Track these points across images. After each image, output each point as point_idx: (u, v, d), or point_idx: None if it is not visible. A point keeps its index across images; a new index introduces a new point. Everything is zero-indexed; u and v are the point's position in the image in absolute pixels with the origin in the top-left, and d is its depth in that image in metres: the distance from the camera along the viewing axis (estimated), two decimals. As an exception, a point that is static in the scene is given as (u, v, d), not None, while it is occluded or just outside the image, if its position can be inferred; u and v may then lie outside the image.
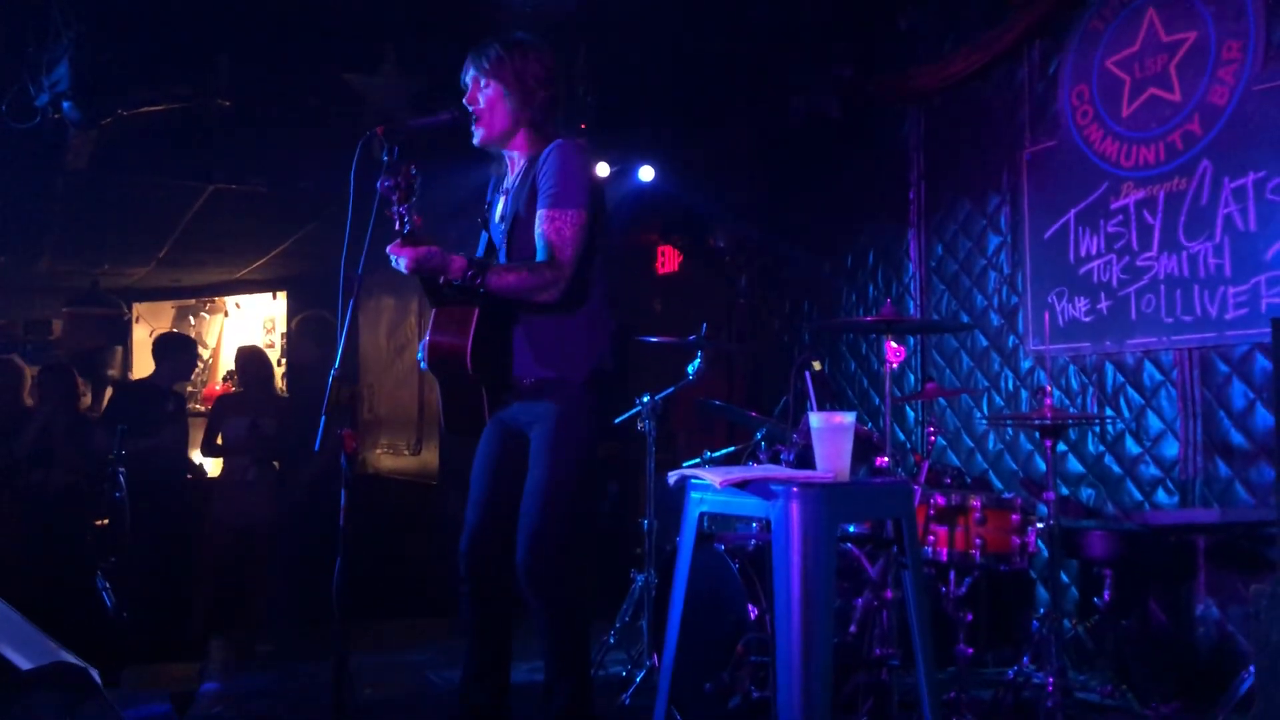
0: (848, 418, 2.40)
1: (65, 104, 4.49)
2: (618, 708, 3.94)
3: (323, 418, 2.98)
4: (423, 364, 3.02)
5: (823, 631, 2.18)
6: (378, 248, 2.98)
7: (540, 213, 2.93)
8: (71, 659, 2.50)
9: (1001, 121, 4.89)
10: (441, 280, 2.94)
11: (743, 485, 2.33)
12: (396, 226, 2.82)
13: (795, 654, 2.16)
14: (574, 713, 3.00)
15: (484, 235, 3.26)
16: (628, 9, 4.99)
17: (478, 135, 3.14)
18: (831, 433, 2.39)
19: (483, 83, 3.10)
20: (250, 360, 6.18)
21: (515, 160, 3.18)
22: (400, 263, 2.85)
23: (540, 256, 2.92)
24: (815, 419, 2.41)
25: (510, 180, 3.16)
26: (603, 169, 5.82)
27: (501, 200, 3.18)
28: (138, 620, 4.54)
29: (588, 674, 3.09)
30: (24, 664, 2.30)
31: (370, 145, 3.01)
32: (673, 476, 2.60)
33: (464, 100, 3.14)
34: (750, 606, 3.52)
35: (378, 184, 2.83)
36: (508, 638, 3.17)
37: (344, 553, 2.97)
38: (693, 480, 2.51)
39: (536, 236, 2.93)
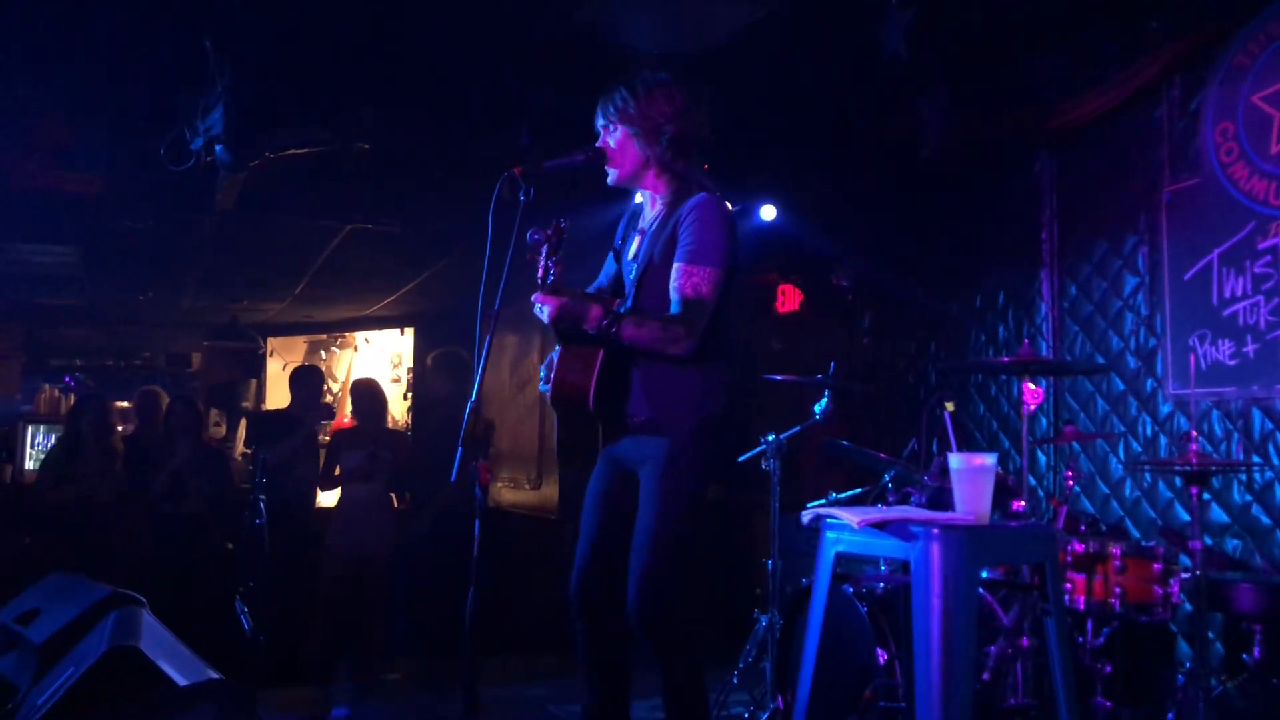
0: (989, 459, 2.36)
1: (218, 147, 4.71)
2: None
3: (459, 449, 3.04)
4: (545, 392, 3.08)
5: (963, 677, 2.14)
6: (510, 284, 3.06)
7: (677, 266, 2.96)
8: (218, 678, 2.61)
9: (1138, 160, 4.77)
10: (582, 328, 2.98)
11: (881, 526, 2.30)
12: (540, 275, 2.88)
13: (935, 700, 2.13)
14: None
15: (609, 265, 3.31)
16: (753, 51, 5.03)
17: (611, 176, 3.20)
18: (972, 474, 2.35)
19: (611, 128, 3.16)
20: (363, 393, 6.33)
21: (653, 201, 3.21)
22: (544, 311, 2.91)
23: (674, 309, 2.95)
24: (955, 460, 2.38)
25: (647, 221, 3.20)
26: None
27: (636, 240, 3.22)
28: (271, 644, 4.67)
29: (705, 712, 3.06)
30: (180, 680, 2.41)
31: (507, 185, 3.10)
32: (807, 515, 2.58)
33: (597, 144, 3.21)
34: (879, 650, 3.47)
35: (528, 235, 2.91)
36: (625, 674, 3.16)
37: (476, 584, 3.01)
38: (828, 520, 2.49)
39: (671, 289, 2.96)
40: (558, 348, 3.10)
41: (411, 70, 4.95)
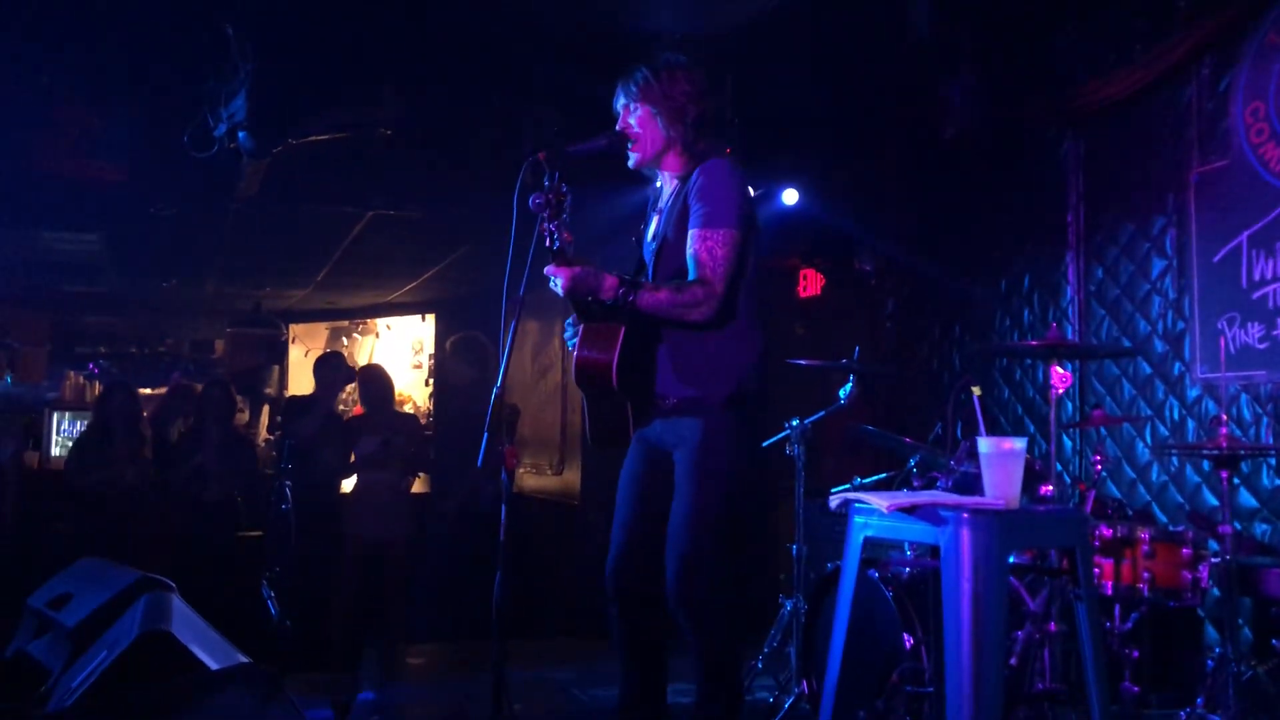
0: (1019, 443, 2.35)
1: (241, 134, 4.73)
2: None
3: (485, 434, 3.04)
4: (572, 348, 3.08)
5: (994, 661, 2.13)
6: (533, 270, 3.05)
7: (692, 232, 2.95)
8: (249, 662, 2.63)
9: (1167, 141, 4.71)
10: (592, 299, 2.98)
11: (910, 510, 2.29)
12: (546, 243, 2.87)
13: (966, 683, 2.12)
14: None
15: (639, 255, 3.31)
16: (776, 34, 5.00)
17: (633, 159, 3.19)
18: (1002, 459, 2.34)
19: (633, 107, 3.15)
20: (370, 380, 6.33)
21: (668, 180, 3.21)
22: (557, 283, 2.90)
23: (691, 275, 2.94)
24: (985, 444, 2.36)
25: (664, 200, 3.20)
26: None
27: (655, 220, 3.22)
28: (297, 628, 4.71)
29: (739, 698, 3.07)
30: (212, 664, 2.43)
31: (532, 170, 3.09)
32: (835, 500, 2.58)
33: (616, 126, 3.19)
34: (905, 635, 3.47)
35: (530, 201, 2.90)
36: (662, 657, 3.17)
37: (504, 568, 3.02)
38: (856, 504, 2.48)
39: (688, 256, 2.95)
40: (581, 323, 3.09)
41: (433, 55, 4.95)
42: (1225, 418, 3.38)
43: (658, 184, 3.31)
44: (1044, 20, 5.09)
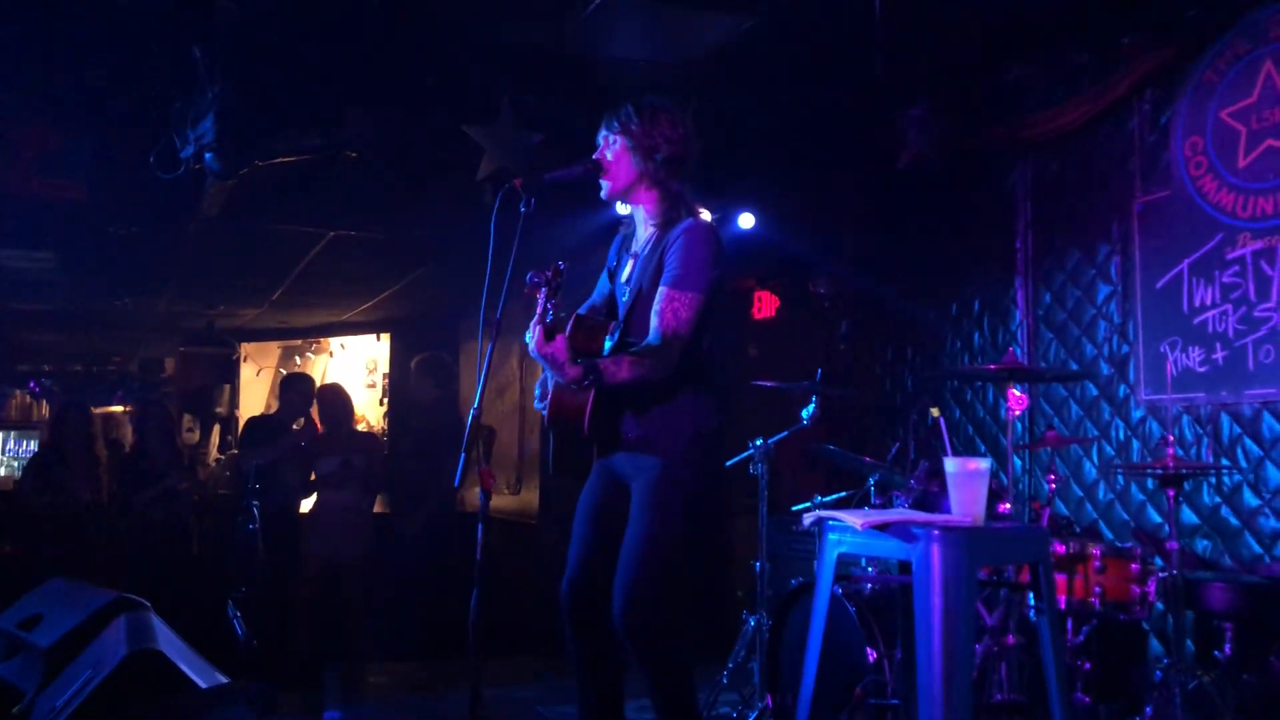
0: (984, 463, 2.46)
1: (208, 155, 4.74)
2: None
3: (462, 454, 3.09)
4: (541, 410, 3.15)
5: (963, 672, 2.24)
6: (496, 294, 3.11)
7: (661, 289, 3.03)
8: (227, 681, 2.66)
9: (1112, 172, 4.91)
10: (560, 379, 3.02)
11: (883, 528, 2.40)
12: (539, 313, 2.94)
13: (937, 693, 2.22)
14: None
15: (604, 284, 3.39)
16: (737, 62, 5.13)
17: (604, 188, 3.27)
18: (968, 478, 2.45)
19: (612, 139, 3.23)
20: (330, 399, 6.33)
21: (645, 223, 3.29)
22: (532, 344, 2.97)
23: (652, 335, 3.01)
24: (951, 464, 2.48)
25: (640, 245, 3.27)
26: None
27: (630, 264, 3.28)
28: (262, 649, 4.71)
29: (694, 716, 3.11)
30: (201, 682, 2.46)
31: (507, 196, 3.16)
32: (808, 518, 2.67)
33: (595, 156, 3.28)
34: (868, 650, 3.57)
35: (528, 278, 2.96)
36: (618, 676, 3.19)
37: (480, 586, 3.05)
38: (830, 522, 2.58)
39: (654, 313, 3.02)
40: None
41: (399, 78, 5.01)
42: (1171, 437, 3.53)
43: (632, 218, 3.38)
44: (995, 53, 5.27)
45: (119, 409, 10.44)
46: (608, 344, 3.11)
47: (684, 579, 3.09)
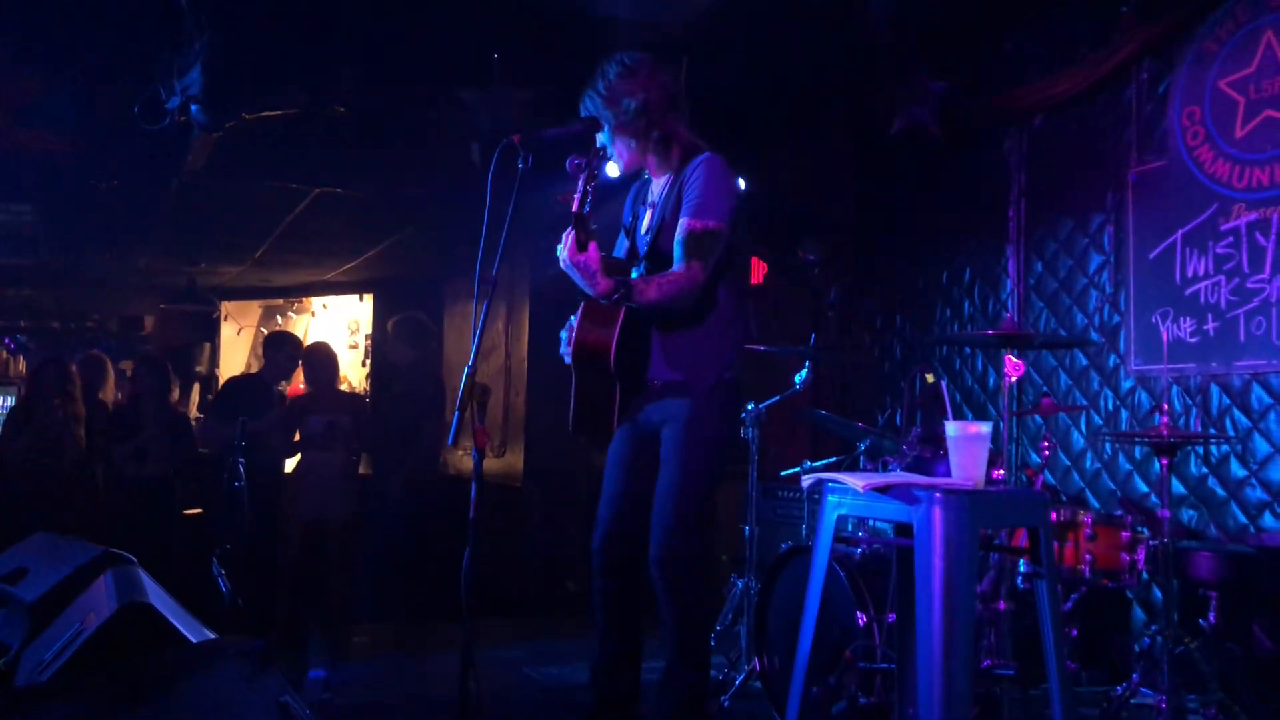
0: (985, 427, 2.45)
1: (194, 107, 4.65)
2: (716, 710, 4.00)
3: (456, 414, 3.06)
4: (566, 357, 3.12)
5: (964, 635, 2.23)
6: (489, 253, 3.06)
7: (682, 220, 3.04)
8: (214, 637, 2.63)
9: (1107, 141, 4.89)
10: (589, 292, 3.00)
11: (884, 490, 2.39)
12: (575, 207, 2.88)
13: (936, 658, 2.22)
14: (692, 704, 3.09)
15: (622, 241, 3.36)
16: (732, 24, 5.07)
17: (617, 170, 3.28)
18: (969, 441, 2.44)
19: (607, 131, 3.22)
20: (318, 358, 6.27)
21: (656, 175, 3.28)
22: (564, 253, 2.91)
23: (676, 263, 3.01)
24: (953, 428, 2.46)
25: (656, 194, 3.26)
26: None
27: (649, 214, 3.28)
28: (247, 608, 4.68)
29: (707, 671, 3.17)
30: (192, 637, 2.43)
31: (505, 153, 3.11)
32: (807, 480, 2.66)
33: (598, 143, 3.24)
34: (858, 614, 3.58)
35: (568, 162, 2.94)
36: (639, 632, 3.26)
37: (474, 546, 3.04)
38: (830, 484, 2.57)
39: (676, 242, 3.03)
40: (576, 313, 3.13)
41: (390, 33, 4.92)
42: (1165, 406, 3.54)
43: (646, 177, 3.38)
44: (992, 21, 5.23)
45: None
46: (633, 276, 3.12)
47: (711, 524, 3.13)
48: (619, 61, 3.23)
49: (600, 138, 3.24)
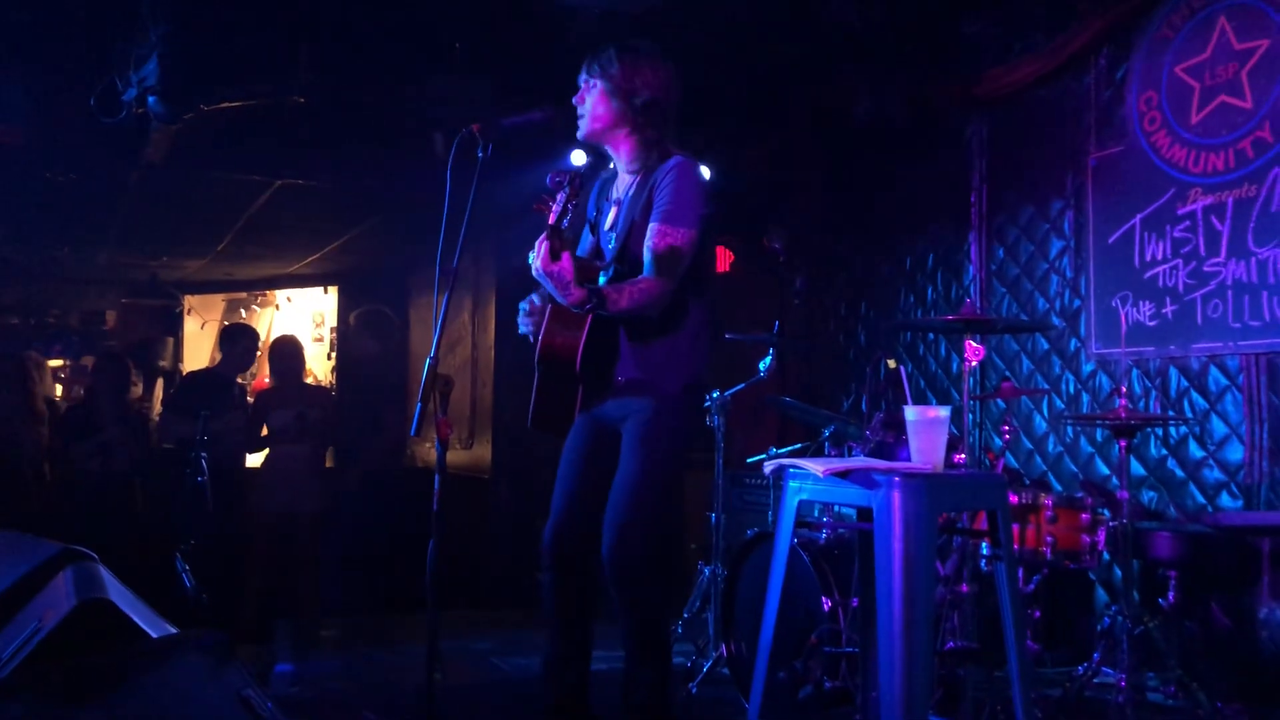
0: (943, 411, 2.47)
1: (151, 99, 4.60)
2: (685, 697, 4.02)
3: (418, 405, 3.05)
4: (522, 327, 3.11)
5: (924, 617, 2.25)
6: (450, 245, 3.05)
7: (652, 226, 3.00)
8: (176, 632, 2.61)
9: (1066, 127, 4.93)
10: (560, 300, 2.98)
11: (844, 475, 2.40)
12: (552, 219, 2.85)
13: (897, 640, 2.23)
14: (654, 704, 3.05)
15: (586, 237, 3.35)
16: (695, 12, 5.07)
17: (582, 129, 3.22)
18: (928, 426, 2.46)
19: (592, 83, 3.19)
20: (284, 352, 6.23)
21: (625, 168, 3.25)
22: (537, 262, 2.89)
23: (646, 269, 3.00)
24: (912, 412, 2.48)
25: (622, 192, 3.23)
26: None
27: (613, 210, 3.25)
28: (212, 602, 4.66)
29: (669, 666, 3.14)
30: (152, 633, 2.41)
31: (465, 142, 3.09)
32: (769, 466, 2.67)
33: (574, 99, 3.23)
34: (823, 598, 3.60)
35: (548, 179, 2.91)
36: (590, 626, 3.23)
37: (438, 538, 3.03)
38: (791, 469, 2.58)
39: (645, 249, 3.00)
40: (538, 291, 3.11)
41: (350, 23, 4.88)
42: (1124, 388, 3.58)
43: (604, 169, 3.35)
44: (952, 8, 5.26)
45: (59, 362, 10.19)
46: (602, 279, 3.08)
47: (669, 523, 3.11)
48: (648, 53, 3.17)
49: (580, 140, 3.21)
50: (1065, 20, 4.80)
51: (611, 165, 3.33)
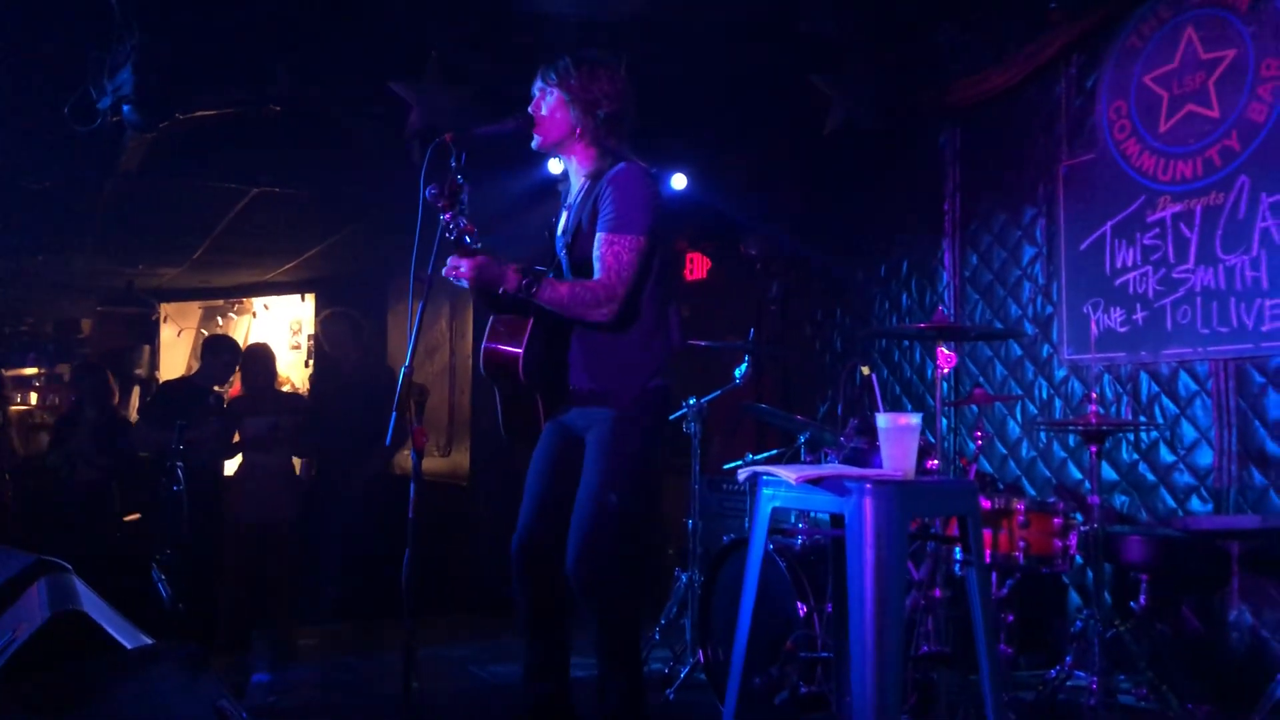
0: (914, 419, 2.50)
1: (126, 108, 4.58)
2: (662, 703, 4.04)
3: (393, 414, 3.06)
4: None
5: (895, 622, 2.28)
6: (442, 251, 3.07)
7: (599, 235, 3.01)
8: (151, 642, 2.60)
9: (1038, 135, 4.99)
10: (500, 291, 3.03)
11: (816, 482, 2.42)
12: (446, 235, 2.91)
13: (869, 645, 2.26)
14: (626, 712, 3.07)
15: (548, 244, 3.37)
16: (670, 21, 5.09)
17: (536, 140, 3.23)
18: (899, 433, 2.48)
19: (548, 92, 3.20)
20: (257, 359, 6.22)
21: (578, 174, 3.26)
22: (460, 271, 2.93)
23: (596, 275, 3.01)
24: (883, 420, 2.51)
25: (574, 197, 3.25)
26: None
27: (564, 215, 3.27)
28: (189, 613, 4.64)
29: (640, 675, 3.15)
30: (127, 644, 2.40)
31: (438, 152, 3.11)
32: (743, 473, 2.69)
33: (529, 108, 3.24)
34: (799, 604, 3.62)
35: (425, 192, 2.93)
36: (564, 633, 3.23)
37: (414, 546, 3.04)
38: (765, 477, 2.60)
39: (594, 259, 3.01)
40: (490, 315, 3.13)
41: (326, 30, 4.88)
42: (1095, 394, 3.62)
43: (567, 175, 3.36)
44: (925, 17, 5.30)
45: (32, 370, 10.14)
46: None
47: (636, 532, 3.11)
48: (606, 65, 3.19)
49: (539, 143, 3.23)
50: (1037, 29, 4.85)
51: (563, 168, 3.34)
